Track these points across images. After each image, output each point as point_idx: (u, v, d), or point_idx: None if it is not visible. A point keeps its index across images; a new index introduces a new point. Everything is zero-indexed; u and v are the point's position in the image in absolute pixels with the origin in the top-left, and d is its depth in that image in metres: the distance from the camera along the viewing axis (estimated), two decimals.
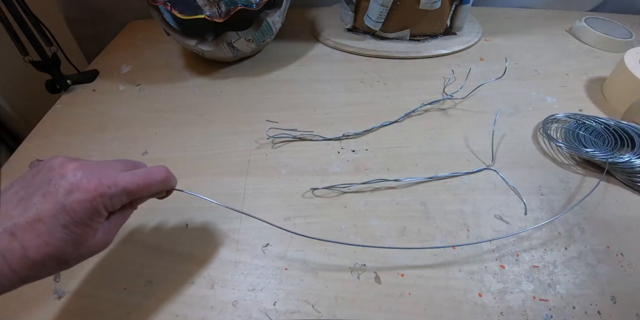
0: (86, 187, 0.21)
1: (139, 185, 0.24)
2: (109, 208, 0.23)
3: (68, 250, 0.21)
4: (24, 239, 0.20)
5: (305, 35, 0.67)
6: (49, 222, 0.20)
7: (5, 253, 0.19)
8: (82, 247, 0.22)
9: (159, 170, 0.26)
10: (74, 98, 0.53)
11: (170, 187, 0.27)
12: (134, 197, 0.24)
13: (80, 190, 0.21)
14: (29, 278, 0.21)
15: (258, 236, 0.35)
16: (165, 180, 0.26)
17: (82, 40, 0.75)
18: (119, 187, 0.23)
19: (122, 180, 0.23)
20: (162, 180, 0.25)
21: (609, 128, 0.43)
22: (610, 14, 0.70)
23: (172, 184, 0.27)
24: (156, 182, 0.25)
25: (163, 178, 0.26)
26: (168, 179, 0.26)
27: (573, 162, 0.42)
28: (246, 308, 0.30)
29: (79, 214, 0.21)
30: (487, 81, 0.51)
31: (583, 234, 0.35)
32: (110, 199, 0.22)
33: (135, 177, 0.24)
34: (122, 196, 0.23)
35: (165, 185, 0.26)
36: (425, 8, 0.56)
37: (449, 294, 0.30)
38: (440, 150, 0.43)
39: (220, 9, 0.48)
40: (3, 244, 0.19)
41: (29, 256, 0.20)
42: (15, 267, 0.20)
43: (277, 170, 0.41)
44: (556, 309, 0.29)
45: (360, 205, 0.37)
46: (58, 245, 0.21)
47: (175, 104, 0.51)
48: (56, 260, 0.21)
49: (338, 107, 0.50)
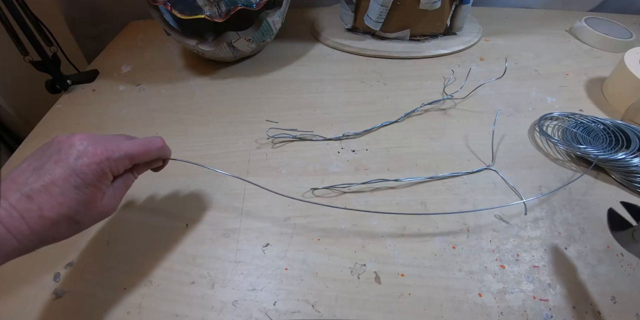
0: (93, 152, 0.24)
1: (139, 150, 0.27)
2: (114, 171, 0.26)
3: (80, 210, 0.24)
4: (40, 200, 0.22)
5: (305, 35, 0.67)
6: (61, 184, 0.23)
7: (24, 214, 0.21)
8: (92, 208, 0.24)
9: (156, 139, 0.29)
10: (74, 98, 0.53)
11: (165, 156, 0.31)
12: (135, 161, 0.27)
13: (88, 155, 0.24)
14: (46, 239, 0.23)
15: (258, 236, 0.35)
16: (161, 148, 0.29)
17: (82, 40, 0.75)
18: (122, 152, 0.26)
19: (125, 146, 0.26)
20: (159, 148, 0.29)
21: (608, 128, 0.43)
22: (610, 14, 0.70)
23: (167, 153, 0.31)
24: (154, 148, 0.28)
25: (160, 146, 0.29)
26: (164, 148, 0.30)
27: (568, 158, 0.42)
28: (246, 308, 0.30)
29: (89, 176, 0.24)
30: (487, 81, 0.51)
31: (583, 234, 0.35)
32: (115, 162, 0.25)
33: (135, 143, 0.27)
34: (125, 160, 0.26)
35: (161, 152, 0.29)
36: (425, 8, 0.56)
37: (449, 294, 0.30)
38: (440, 150, 0.43)
39: (220, 9, 0.48)
40: (22, 206, 0.22)
41: (45, 216, 0.22)
42: (34, 227, 0.22)
43: (277, 170, 0.41)
44: (556, 309, 0.29)
45: (360, 205, 0.37)
46: (71, 205, 0.23)
47: (175, 104, 0.51)
48: (70, 219, 0.23)
49: (338, 107, 0.50)
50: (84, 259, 0.33)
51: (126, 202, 0.38)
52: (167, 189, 0.39)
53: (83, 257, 0.33)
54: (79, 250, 0.34)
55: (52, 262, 0.33)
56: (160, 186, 0.40)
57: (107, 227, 0.36)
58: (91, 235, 0.35)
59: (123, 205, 0.38)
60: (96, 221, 0.26)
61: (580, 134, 0.43)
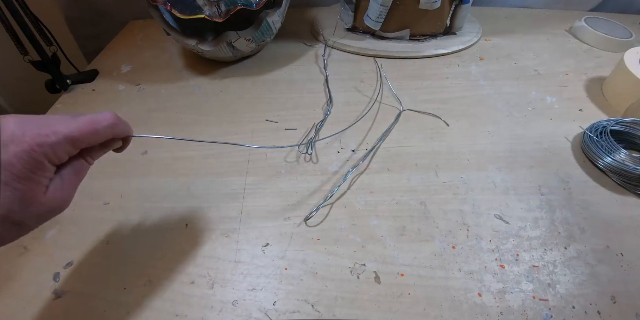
0: (21, 138, 0.20)
1: (83, 131, 0.22)
2: (53, 160, 0.21)
3: (15, 209, 0.20)
4: None
5: (305, 35, 0.67)
6: None
7: None
8: (32, 206, 0.20)
9: (104, 115, 0.23)
10: (74, 98, 0.53)
11: (122, 135, 0.25)
12: (80, 145, 0.22)
13: (14, 142, 0.19)
14: None
15: (258, 236, 0.35)
16: (113, 125, 0.23)
17: (82, 40, 0.75)
18: (59, 135, 0.21)
19: (63, 128, 0.21)
20: (110, 126, 0.23)
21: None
22: (610, 14, 0.70)
23: (123, 130, 0.25)
24: (102, 127, 0.23)
25: (110, 123, 0.23)
26: (117, 125, 0.24)
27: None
28: (246, 308, 0.30)
29: (18, 168, 0.19)
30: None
31: (583, 234, 0.35)
32: (51, 148, 0.21)
33: (78, 123, 0.22)
34: (65, 145, 0.21)
35: (115, 131, 0.24)
36: (425, 8, 0.56)
37: (449, 294, 0.30)
38: (440, 150, 0.43)
39: (220, 9, 0.48)
40: None
41: None
42: None
43: (277, 170, 0.41)
44: (556, 309, 0.29)
45: (360, 205, 0.37)
46: (1, 205, 0.19)
47: (176, 104, 0.51)
48: (5, 221, 0.20)
49: (338, 107, 0.50)
50: (84, 259, 0.33)
51: (126, 202, 0.38)
52: (167, 189, 0.39)
53: (83, 257, 0.33)
54: (79, 250, 0.34)
55: (52, 262, 0.33)
56: (160, 186, 0.40)
57: (107, 227, 0.36)
58: (91, 235, 0.35)
59: (123, 205, 0.38)
60: (46, 219, 0.22)
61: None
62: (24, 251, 0.34)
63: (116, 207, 0.38)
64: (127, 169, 0.42)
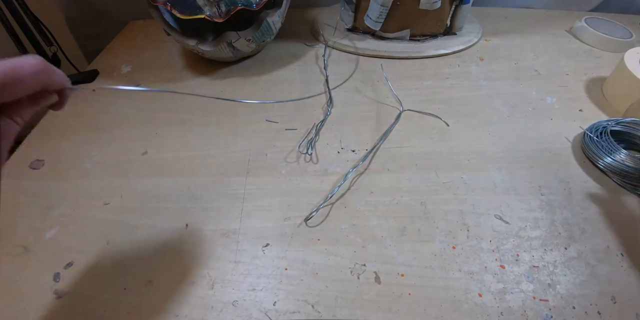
0: None
1: (1, 79, 0.17)
2: None
3: None
4: None
5: (305, 35, 0.67)
6: None
7: None
8: None
9: (27, 60, 0.19)
10: (74, 98, 0.53)
11: (54, 85, 0.21)
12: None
13: None
14: None
15: (258, 236, 0.35)
16: (39, 72, 0.19)
17: (82, 40, 0.75)
18: None
19: None
20: (36, 72, 0.19)
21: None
22: (610, 14, 0.70)
23: (55, 79, 0.21)
24: (27, 74, 0.18)
25: (36, 69, 0.19)
26: (45, 71, 0.20)
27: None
28: (246, 308, 0.30)
29: None
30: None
31: (583, 234, 0.35)
32: None
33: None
34: None
35: (42, 79, 0.20)
36: (425, 8, 0.56)
37: (449, 294, 0.30)
38: (440, 150, 0.43)
39: (220, 9, 0.48)
40: None
41: None
42: None
43: (277, 170, 0.41)
44: (556, 309, 0.29)
45: (360, 205, 0.37)
46: None
47: (175, 104, 0.51)
48: None
49: (338, 107, 0.50)
50: (84, 259, 0.33)
51: (126, 202, 0.38)
52: (167, 189, 0.39)
53: (83, 257, 0.33)
54: (79, 250, 0.34)
55: (52, 262, 0.33)
56: (160, 186, 0.40)
57: (107, 227, 0.36)
58: (91, 235, 0.35)
59: (123, 205, 0.38)
60: None
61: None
62: (24, 251, 0.34)
63: (116, 207, 0.38)
64: (127, 169, 0.42)
